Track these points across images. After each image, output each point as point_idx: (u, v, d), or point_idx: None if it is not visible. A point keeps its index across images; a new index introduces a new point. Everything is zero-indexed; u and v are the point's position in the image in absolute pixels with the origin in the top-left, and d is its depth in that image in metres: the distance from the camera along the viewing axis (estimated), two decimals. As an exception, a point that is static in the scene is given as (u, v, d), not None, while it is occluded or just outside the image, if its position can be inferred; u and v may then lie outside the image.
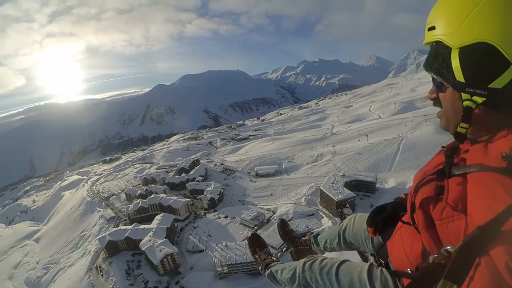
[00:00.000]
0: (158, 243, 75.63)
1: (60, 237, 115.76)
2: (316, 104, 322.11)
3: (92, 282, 76.09)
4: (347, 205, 13.52)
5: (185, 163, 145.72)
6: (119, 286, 72.55)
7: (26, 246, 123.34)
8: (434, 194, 1.75)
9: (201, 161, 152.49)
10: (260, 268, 4.91)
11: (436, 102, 1.87)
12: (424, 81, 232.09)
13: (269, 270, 4.33)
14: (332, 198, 79.22)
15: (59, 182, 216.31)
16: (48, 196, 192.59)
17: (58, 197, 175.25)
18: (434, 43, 1.65)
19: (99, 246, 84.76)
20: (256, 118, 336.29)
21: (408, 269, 2.09)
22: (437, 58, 1.65)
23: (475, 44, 1.43)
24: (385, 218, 2.85)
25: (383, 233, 2.93)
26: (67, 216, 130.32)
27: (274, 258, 4.95)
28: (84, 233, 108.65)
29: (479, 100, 1.52)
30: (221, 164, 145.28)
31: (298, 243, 5.35)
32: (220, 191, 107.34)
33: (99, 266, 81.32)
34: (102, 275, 78.28)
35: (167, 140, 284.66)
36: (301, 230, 74.45)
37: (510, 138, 1.39)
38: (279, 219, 7.66)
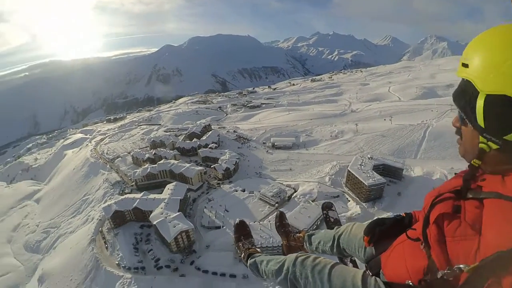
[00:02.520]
0: (171, 217, 67.49)
1: (62, 199, 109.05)
2: (329, 78, 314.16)
3: (95, 255, 68.51)
4: (333, 208, 8.91)
5: (196, 128, 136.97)
6: (127, 262, 65.02)
7: (26, 207, 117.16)
8: (451, 211, 1.84)
9: (212, 127, 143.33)
10: (242, 256, 5.11)
11: (458, 131, 2.09)
12: (445, 69, 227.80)
13: (253, 259, 4.44)
14: (362, 181, 73.25)
15: (62, 140, 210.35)
16: (50, 154, 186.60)
17: (60, 156, 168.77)
18: (464, 79, 1.79)
19: (104, 214, 76.86)
20: (267, 86, 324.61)
21: (410, 282, 2.19)
22: (464, 95, 1.82)
23: (501, 96, 1.56)
24: (382, 231, 3.00)
25: (377, 245, 3.05)
26: (69, 177, 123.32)
27: (259, 250, 5.14)
28: (87, 197, 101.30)
29: (494, 146, 1.70)
30: (234, 131, 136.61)
31: (291, 238, 5.55)
32: (236, 161, 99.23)
33: (104, 238, 73.62)
34: (107, 247, 70.60)
35: (175, 102, 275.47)
36: None
37: None
38: (278, 210, 7.04)
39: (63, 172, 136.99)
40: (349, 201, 75.17)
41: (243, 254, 5.11)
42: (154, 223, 67.82)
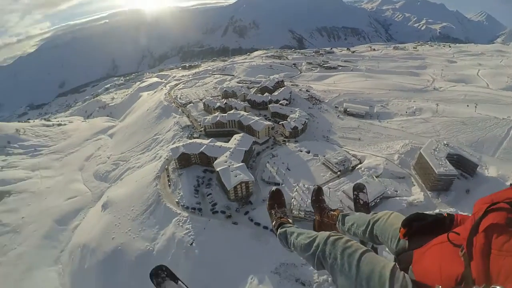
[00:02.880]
0: (234, 166, 68.59)
1: (133, 136, 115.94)
2: (414, 48, 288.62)
3: (158, 191, 72.45)
4: (365, 190, 7.21)
5: (269, 82, 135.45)
6: (185, 201, 68.03)
7: (100, 140, 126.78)
8: (504, 223, 1.78)
9: (285, 83, 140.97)
10: (273, 224, 5.45)
11: None
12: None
13: (284, 229, 4.74)
14: (432, 168, 68.03)
15: (138, 82, 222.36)
16: (126, 95, 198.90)
17: (136, 96, 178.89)
18: None
19: (171, 155, 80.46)
20: (345, 48, 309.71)
21: (440, 286, 2.14)
22: None
23: None
24: (421, 227, 2.97)
25: (412, 240, 3.04)
26: (142, 117, 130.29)
27: (290, 220, 5.44)
28: (157, 136, 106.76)
29: None
30: (307, 90, 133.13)
31: (325, 215, 5.72)
32: (305, 121, 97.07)
33: (168, 176, 77.28)
34: (169, 185, 74.18)
35: (249, 54, 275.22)
36: (389, 192, 66.18)
37: None
38: (316, 185, 7.47)
39: (137, 112, 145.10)
40: (414, 185, 70.83)
41: (274, 222, 5.51)
42: (217, 169, 69.42)
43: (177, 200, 68.85)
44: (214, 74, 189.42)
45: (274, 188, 6.50)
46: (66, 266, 70.50)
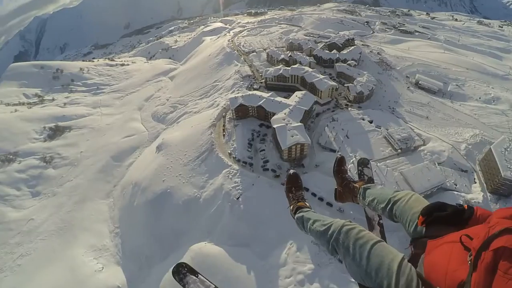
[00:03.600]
0: (292, 125, 67.18)
1: (193, 80, 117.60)
2: (499, 27, 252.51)
3: (212, 140, 73.79)
4: (369, 165, 6.10)
5: (338, 39, 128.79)
6: (238, 154, 68.82)
7: (161, 82, 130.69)
8: None
9: (355, 42, 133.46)
10: (290, 208, 5.67)
11: None
12: None
13: (301, 214, 4.87)
14: (499, 169, 62.47)
15: (202, 26, 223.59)
16: (189, 38, 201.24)
17: (198, 41, 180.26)
18: None
19: (229, 104, 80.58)
20: (425, 13, 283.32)
21: None
22: None
23: None
24: (440, 218, 3.03)
25: (429, 227, 3.11)
26: (203, 62, 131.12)
27: (308, 204, 5.55)
28: (217, 83, 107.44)
29: None
30: (378, 53, 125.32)
31: (346, 186, 5.74)
32: (372, 87, 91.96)
33: (224, 125, 78.15)
34: (224, 135, 75.11)
35: (319, 6, 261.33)
36: (447, 184, 62.77)
37: None
38: (339, 154, 7.21)
39: (199, 56, 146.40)
40: (475, 183, 66.09)
41: (292, 206, 5.73)
42: (274, 126, 68.58)
43: (229, 151, 69.88)
44: (280, 24, 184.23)
45: (291, 171, 6.75)
46: (117, 201, 75.51)
